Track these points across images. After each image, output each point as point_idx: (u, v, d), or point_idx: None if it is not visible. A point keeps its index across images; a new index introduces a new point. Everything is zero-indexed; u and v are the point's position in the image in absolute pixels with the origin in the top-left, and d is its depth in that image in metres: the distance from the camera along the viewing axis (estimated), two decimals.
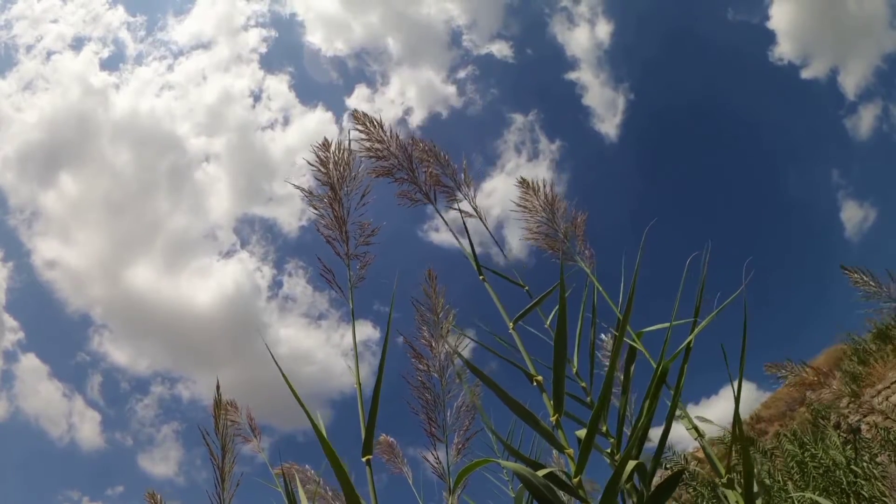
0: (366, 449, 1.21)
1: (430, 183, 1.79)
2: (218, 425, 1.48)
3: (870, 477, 5.74)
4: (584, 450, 1.17)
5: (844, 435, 8.47)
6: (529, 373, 1.37)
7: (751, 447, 8.26)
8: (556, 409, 1.24)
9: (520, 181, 1.91)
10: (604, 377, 1.24)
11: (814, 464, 6.52)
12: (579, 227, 1.87)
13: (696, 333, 1.20)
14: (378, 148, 1.77)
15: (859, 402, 9.30)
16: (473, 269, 1.76)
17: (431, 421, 1.55)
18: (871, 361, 9.65)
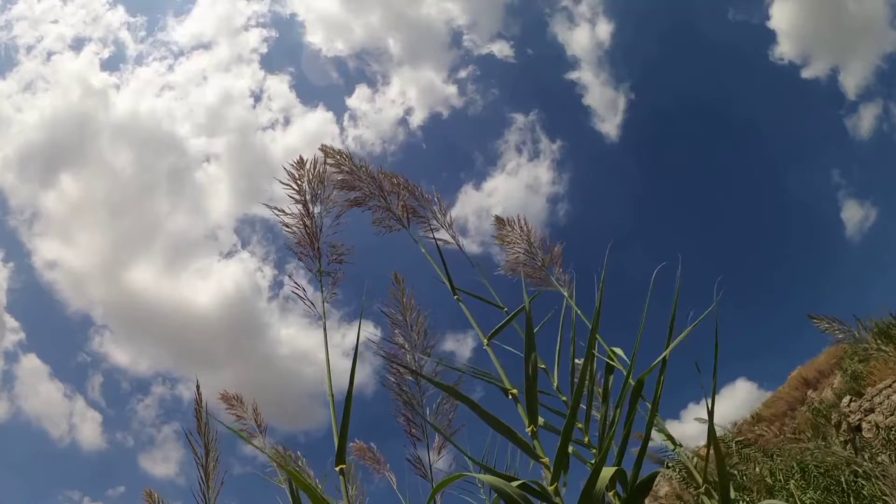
0: (339, 459, 1.23)
1: (402, 210, 1.83)
2: (200, 426, 1.50)
3: (870, 476, 5.74)
4: (559, 459, 1.20)
5: (845, 434, 8.47)
6: (504, 387, 1.40)
7: (750, 447, 8.26)
8: (530, 421, 1.27)
9: (496, 219, 1.97)
10: (591, 393, 1.28)
11: (814, 463, 6.52)
12: (557, 256, 1.92)
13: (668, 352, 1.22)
14: (349, 179, 1.80)
15: (860, 402, 9.29)
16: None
17: (410, 422, 1.57)
18: (872, 361, 9.63)
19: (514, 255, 1.96)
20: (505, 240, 1.98)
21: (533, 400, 1.27)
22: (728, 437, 9.00)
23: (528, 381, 1.28)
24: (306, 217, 1.58)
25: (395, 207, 1.83)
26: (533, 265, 1.93)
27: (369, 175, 1.83)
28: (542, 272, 1.91)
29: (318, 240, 1.56)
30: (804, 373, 13.42)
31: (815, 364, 13.13)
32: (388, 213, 1.83)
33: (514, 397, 1.38)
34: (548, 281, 1.89)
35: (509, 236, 1.99)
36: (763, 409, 13.92)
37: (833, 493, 6.01)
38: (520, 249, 1.97)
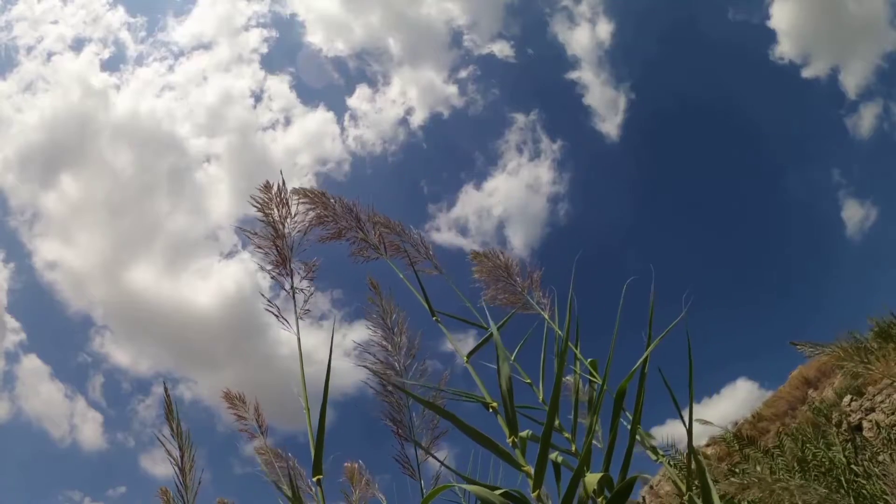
0: (315, 469, 1.25)
1: (379, 239, 1.88)
2: (172, 426, 1.58)
3: (871, 476, 5.73)
4: (539, 466, 1.22)
5: (845, 434, 8.46)
6: (485, 401, 1.43)
7: (751, 447, 8.25)
8: (510, 432, 1.29)
9: (472, 255, 2.03)
10: (576, 404, 1.30)
11: (815, 462, 6.51)
12: (535, 282, 1.97)
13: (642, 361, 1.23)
14: (324, 215, 1.86)
15: (861, 401, 9.28)
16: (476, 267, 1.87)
17: (398, 424, 1.59)
18: (872, 360, 9.61)
19: (493, 289, 2.01)
20: (483, 272, 2.03)
21: (511, 412, 1.30)
22: (728, 436, 9.01)
23: (503, 394, 1.31)
24: (276, 238, 1.63)
25: (372, 237, 1.88)
26: (513, 291, 1.98)
27: (344, 208, 1.89)
28: (522, 297, 1.96)
29: (290, 259, 1.61)
30: (805, 372, 13.41)
31: (815, 363, 13.12)
32: (364, 243, 1.88)
33: (494, 410, 1.40)
34: (528, 305, 1.94)
35: (487, 268, 2.03)
36: (764, 409, 13.90)
37: (834, 493, 6.00)
38: (499, 277, 2.02)
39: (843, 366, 9.50)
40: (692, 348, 1.25)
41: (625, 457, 1.28)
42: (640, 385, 1.22)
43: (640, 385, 1.22)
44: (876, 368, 8.32)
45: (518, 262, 2.00)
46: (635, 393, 1.28)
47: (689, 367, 1.22)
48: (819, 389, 12.46)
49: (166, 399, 1.60)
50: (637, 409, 1.23)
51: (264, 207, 1.69)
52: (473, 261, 2.04)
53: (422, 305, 1.76)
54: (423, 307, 1.76)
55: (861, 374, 9.49)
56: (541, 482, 1.23)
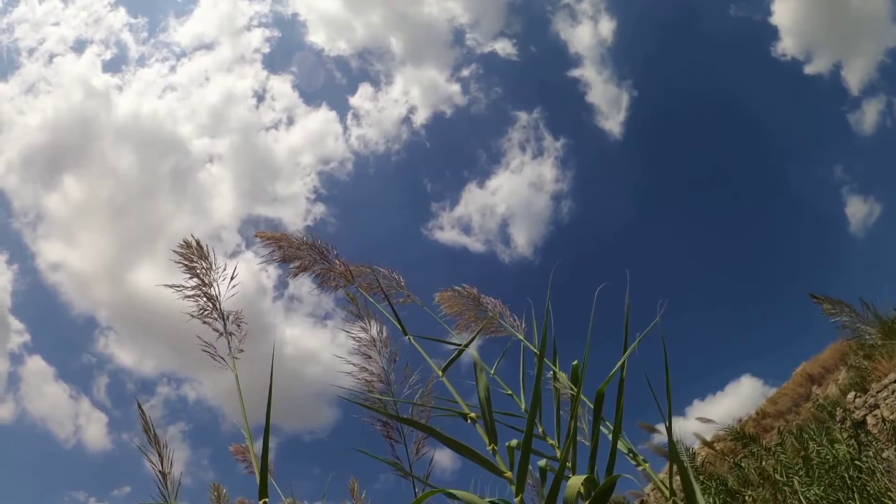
0: (261, 492, 1.28)
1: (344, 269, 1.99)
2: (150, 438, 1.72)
3: (875, 472, 5.71)
4: (521, 472, 1.24)
5: (849, 430, 8.43)
6: (463, 412, 1.46)
7: (755, 444, 8.24)
8: (490, 440, 1.31)
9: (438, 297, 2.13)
10: (557, 410, 1.32)
11: (818, 459, 6.50)
12: (504, 309, 2.05)
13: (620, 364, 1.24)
14: (290, 253, 2.01)
15: (865, 397, 9.25)
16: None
17: (386, 425, 1.63)
18: (876, 356, 9.58)
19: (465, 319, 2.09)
20: (452, 308, 2.11)
21: (490, 421, 1.33)
22: (732, 432, 9.00)
23: (482, 403, 1.35)
24: (203, 286, 1.77)
25: (338, 266, 1.99)
26: (484, 318, 2.05)
27: (308, 245, 2.01)
28: (494, 322, 2.03)
29: (220, 305, 1.74)
30: (809, 369, 13.37)
31: (819, 360, 13.09)
32: (331, 273, 1.99)
33: (472, 420, 1.43)
34: (501, 328, 2.02)
35: (455, 304, 2.12)
36: (768, 406, 13.88)
37: (838, 490, 5.98)
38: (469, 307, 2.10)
39: (853, 354, 9.41)
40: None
41: (609, 459, 1.29)
42: (620, 389, 1.22)
43: (620, 389, 1.22)
44: (880, 363, 8.25)
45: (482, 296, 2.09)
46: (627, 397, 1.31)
47: (666, 372, 1.22)
48: (823, 386, 12.42)
49: (140, 411, 1.75)
50: (618, 412, 1.24)
51: (187, 261, 1.82)
52: (439, 302, 2.14)
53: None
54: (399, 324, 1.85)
55: (864, 371, 9.44)
56: (523, 487, 1.25)
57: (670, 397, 1.20)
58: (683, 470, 1.25)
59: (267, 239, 2.04)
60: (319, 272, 1.99)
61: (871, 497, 5.42)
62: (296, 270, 2.01)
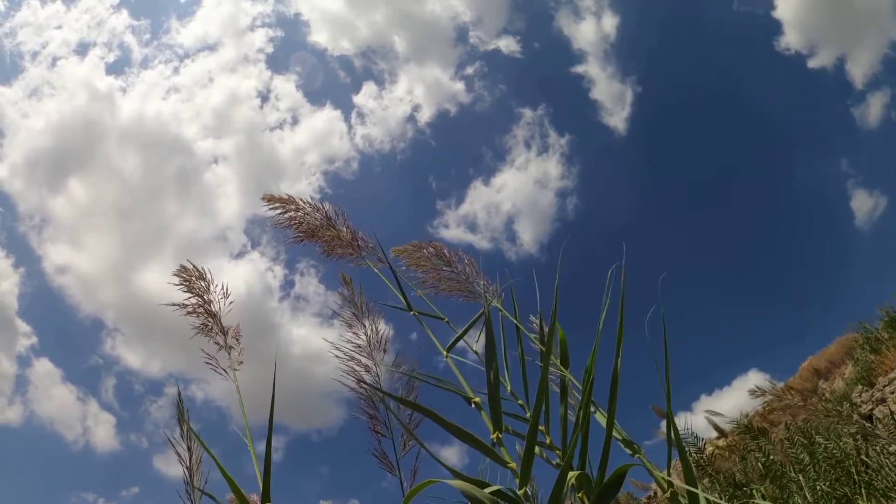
0: (264, 496, 1.28)
1: (351, 236, 1.92)
2: (182, 428, 1.66)
3: (882, 467, 5.68)
4: (526, 463, 1.22)
5: (856, 425, 8.39)
6: (467, 395, 1.43)
7: (762, 438, 8.21)
8: (495, 427, 1.29)
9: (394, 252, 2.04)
10: (544, 395, 1.29)
11: (824, 455, 6.47)
12: (475, 267, 1.95)
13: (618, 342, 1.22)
14: (297, 216, 1.96)
15: (871, 391, 9.20)
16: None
17: (373, 419, 1.62)
18: (882, 350, 9.53)
19: (432, 274, 1.98)
20: (419, 264, 2.00)
21: (496, 407, 1.30)
22: (738, 426, 8.96)
23: (491, 388, 1.31)
24: (204, 304, 1.83)
25: (345, 234, 1.94)
26: (457, 279, 1.95)
27: (315, 209, 1.97)
28: (467, 286, 1.93)
29: (220, 320, 1.81)
30: (815, 363, 13.30)
31: (826, 354, 13.02)
32: (338, 240, 1.93)
33: (476, 405, 1.40)
34: (477, 294, 1.92)
35: (420, 259, 2.02)
36: (774, 400, 13.79)
37: (844, 485, 5.95)
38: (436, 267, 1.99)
39: (859, 348, 9.36)
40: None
41: (603, 452, 1.26)
42: (615, 376, 1.21)
43: (615, 376, 1.21)
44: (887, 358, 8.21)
45: (448, 249, 1.99)
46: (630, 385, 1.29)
47: (666, 365, 1.21)
48: (829, 380, 12.36)
49: (178, 401, 1.70)
50: (612, 403, 1.22)
51: (188, 283, 1.87)
52: (400, 255, 2.05)
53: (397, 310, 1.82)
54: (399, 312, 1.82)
55: (870, 366, 9.40)
56: (527, 479, 1.23)
57: (668, 374, 1.18)
58: (685, 458, 1.25)
59: (273, 201, 2.00)
60: (326, 239, 1.96)
61: (878, 492, 5.40)
62: (301, 236, 1.98)
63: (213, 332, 1.78)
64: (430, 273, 1.94)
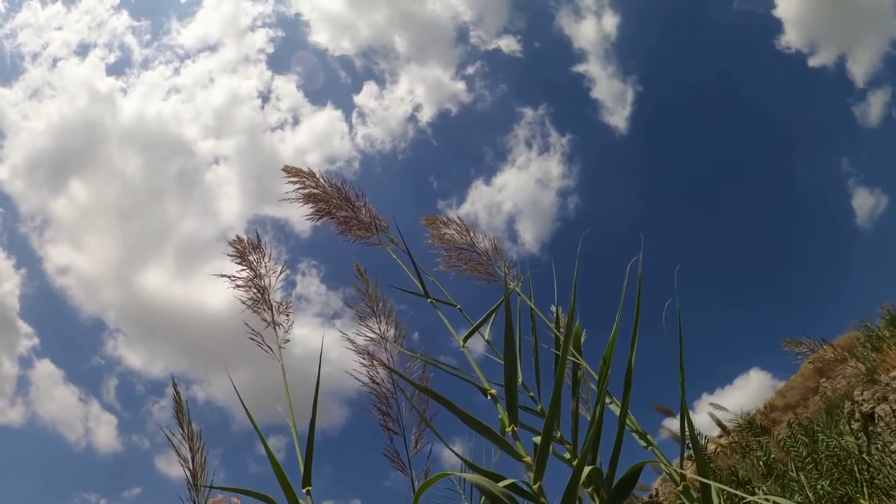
0: (305, 480, 1.28)
1: (370, 217, 1.88)
2: (184, 428, 1.61)
3: (885, 465, 5.68)
4: (541, 457, 1.21)
5: (858, 423, 8.40)
6: (483, 387, 1.43)
7: (764, 436, 8.21)
8: (510, 420, 1.29)
9: (425, 221, 2.02)
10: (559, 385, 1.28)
11: (826, 452, 6.47)
12: (498, 249, 1.94)
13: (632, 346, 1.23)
14: (315, 193, 1.92)
15: (873, 390, 9.21)
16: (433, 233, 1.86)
17: (385, 416, 1.61)
18: (884, 348, 9.54)
19: (455, 253, 1.96)
20: (442, 238, 1.98)
21: (513, 400, 1.29)
22: (741, 424, 8.96)
23: (509, 380, 1.30)
24: (255, 278, 1.80)
25: (363, 215, 1.91)
26: (478, 260, 1.93)
27: (334, 187, 1.93)
28: (488, 267, 1.91)
29: (269, 296, 1.77)
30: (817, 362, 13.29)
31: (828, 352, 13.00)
32: (356, 221, 1.91)
33: (493, 397, 1.40)
34: (497, 276, 1.90)
35: (445, 235, 1.99)
36: (776, 399, 13.82)
37: (846, 484, 5.95)
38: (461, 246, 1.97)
39: (860, 346, 9.37)
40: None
41: (614, 447, 1.26)
42: (629, 369, 1.21)
43: (629, 369, 1.21)
44: (888, 356, 8.21)
45: (474, 228, 1.96)
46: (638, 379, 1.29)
47: (681, 353, 1.22)
48: (831, 379, 12.37)
49: (176, 399, 1.65)
50: (626, 397, 1.23)
51: (241, 254, 1.85)
52: (428, 226, 2.02)
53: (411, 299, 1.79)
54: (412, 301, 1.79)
55: (872, 363, 9.40)
56: (542, 475, 1.22)
57: (683, 369, 1.19)
58: (698, 451, 1.25)
59: (293, 175, 1.97)
60: (343, 219, 1.92)
61: (879, 491, 5.40)
62: (318, 214, 1.95)
63: (260, 308, 1.74)
64: (452, 251, 1.92)
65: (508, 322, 1.27)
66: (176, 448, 1.56)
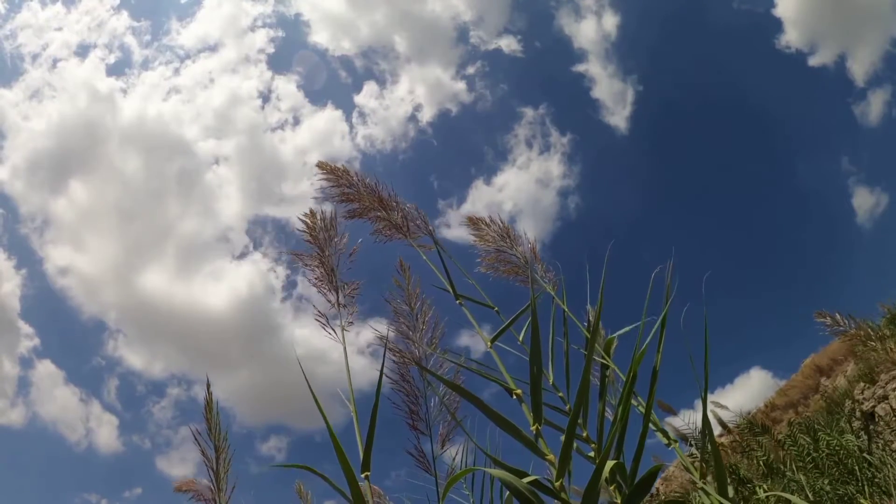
0: (364, 466, 1.30)
1: (402, 219, 1.89)
2: (211, 428, 1.60)
3: (885, 464, 5.70)
4: (564, 455, 1.24)
5: (859, 421, 8.43)
6: (509, 387, 1.45)
7: (764, 435, 8.24)
8: (535, 420, 1.32)
9: (468, 220, 2.01)
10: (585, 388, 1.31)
11: (827, 451, 6.49)
12: (535, 252, 1.95)
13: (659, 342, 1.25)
14: (348, 192, 1.93)
15: (874, 389, 9.24)
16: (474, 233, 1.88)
17: (414, 414, 1.62)
18: (885, 347, 9.56)
19: (494, 255, 1.98)
20: (483, 239, 1.99)
21: (538, 399, 1.31)
22: (741, 423, 8.99)
23: (534, 380, 1.33)
24: (323, 257, 1.78)
25: (396, 217, 1.92)
26: (514, 262, 1.94)
27: (368, 187, 1.94)
28: (524, 270, 1.92)
29: (336, 277, 1.76)
30: (817, 361, 13.34)
31: (828, 352, 13.06)
32: (387, 222, 1.92)
33: (518, 397, 1.43)
34: (533, 278, 1.91)
35: (486, 235, 2.00)
36: (777, 398, 13.86)
37: (847, 483, 5.98)
38: (500, 247, 1.99)
39: (857, 352, 9.39)
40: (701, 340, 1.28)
41: (638, 443, 1.29)
42: (654, 375, 1.23)
43: (654, 375, 1.23)
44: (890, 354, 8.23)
45: (514, 231, 1.97)
46: (647, 378, 1.31)
47: (706, 350, 1.24)
48: (831, 378, 12.41)
49: (207, 397, 1.65)
50: (650, 395, 1.25)
51: (311, 231, 1.84)
52: (470, 226, 2.03)
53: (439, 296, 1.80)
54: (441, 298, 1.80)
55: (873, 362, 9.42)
56: (564, 472, 1.25)
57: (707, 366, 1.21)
58: (714, 443, 1.28)
59: (326, 171, 1.98)
60: (376, 219, 1.93)
61: (880, 490, 5.42)
62: (351, 213, 1.95)
63: (325, 289, 1.74)
64: (491, 253, 1.93)
65: (535, 325, 1.30)
66: (202, 448, 1.57)
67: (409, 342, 1.70)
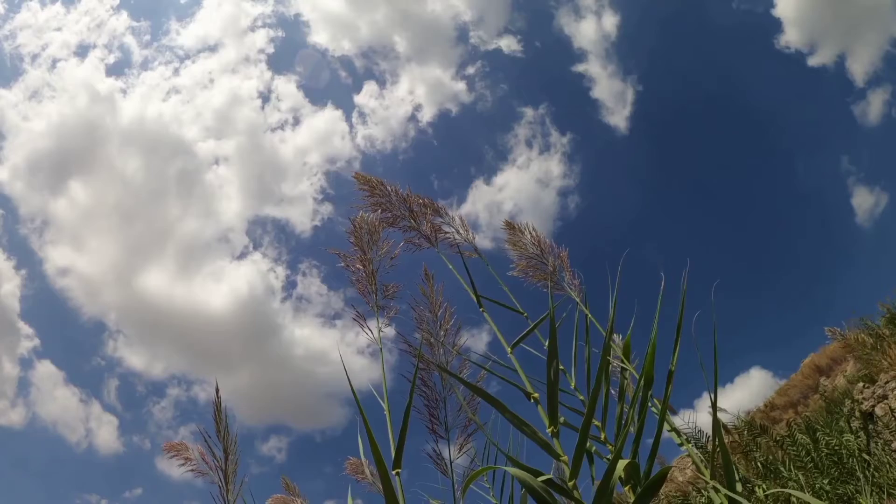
0: (396, 463, 1.34)
1: (431, 229, 1.95)
2: (219, 428, 1.61)
3: (885, 464, 5.74)
4: (577, 456, 1.28)
5: (858, 421, 8.48)
6: (527, 391, 1.49)
7: (763, 435, 8.29)
8: (551, 422, 1.36)
9: (506, 224, 2.06)
10: (605, 390, 1.36)
11: (827, 451, 6.53)
12: (565, 260, 2.00)
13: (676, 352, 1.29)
14: (382, 202, 2.01)
15: (873, 388, 9.28)
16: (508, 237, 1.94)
17: (433, 418, 1.66)
18: (884, 346, 9.60)
19: (525, 261, 2.06)
20: (516, 245, 2.07)
21: (554, 402, 1.36)
22: (741, 423, 9.04)
23: (550, 384, 1.37)
24: (365, 260, 1.86)
25: (424, 228, 2.00)
26: (544, 270, 2.02)
27: (400, 198, 2.02)
28: (553, 276, 2.00)
29: (375, 279, 1.83)
30: (817, 360, 13.41)
31: (827, 351, 13.12)
32: (416, 232, 2.00)
33: (535, 400, 1.47)
34: (559, 285, 1.99)
35: (520, 241, 2.08)
36: (776, 398, 13.92)
37: (846, 483, 6.01)
38: (531, 254, 2.05)
39: (856, 352, 9.43)
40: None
41: (653, 444, 1.34)
42: (669, 377, 1.28)
43: (669, 377, 1.28)
44: (889, 354, 8.26)
45: (547, 239, 2.05)
46: (663, 379, 1.35)
47: (714, 351, 1.28)
48: (831, 377, 12.46)
49: (216, 400, 1.64)
50: (666, 397, 1.30)
51: (354, 234, 1.92)
52: (506, 230, 2.11)
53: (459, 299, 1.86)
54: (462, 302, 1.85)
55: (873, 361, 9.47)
56: (577, 473, 1.30)
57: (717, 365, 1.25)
58: (722, 441, 1.31)
59: (363, 182, 2.06)
60: (406, 228, 2.02)
61: (880, 490, 5.46)
62: (385, 221, 2.03)
63: (366, 291, 1.80)
64: (523, 260, 2.00)
65: (552, 330, 1.34)
66: (212, 449, 1.58)
67: (432, 348, 1.73)
